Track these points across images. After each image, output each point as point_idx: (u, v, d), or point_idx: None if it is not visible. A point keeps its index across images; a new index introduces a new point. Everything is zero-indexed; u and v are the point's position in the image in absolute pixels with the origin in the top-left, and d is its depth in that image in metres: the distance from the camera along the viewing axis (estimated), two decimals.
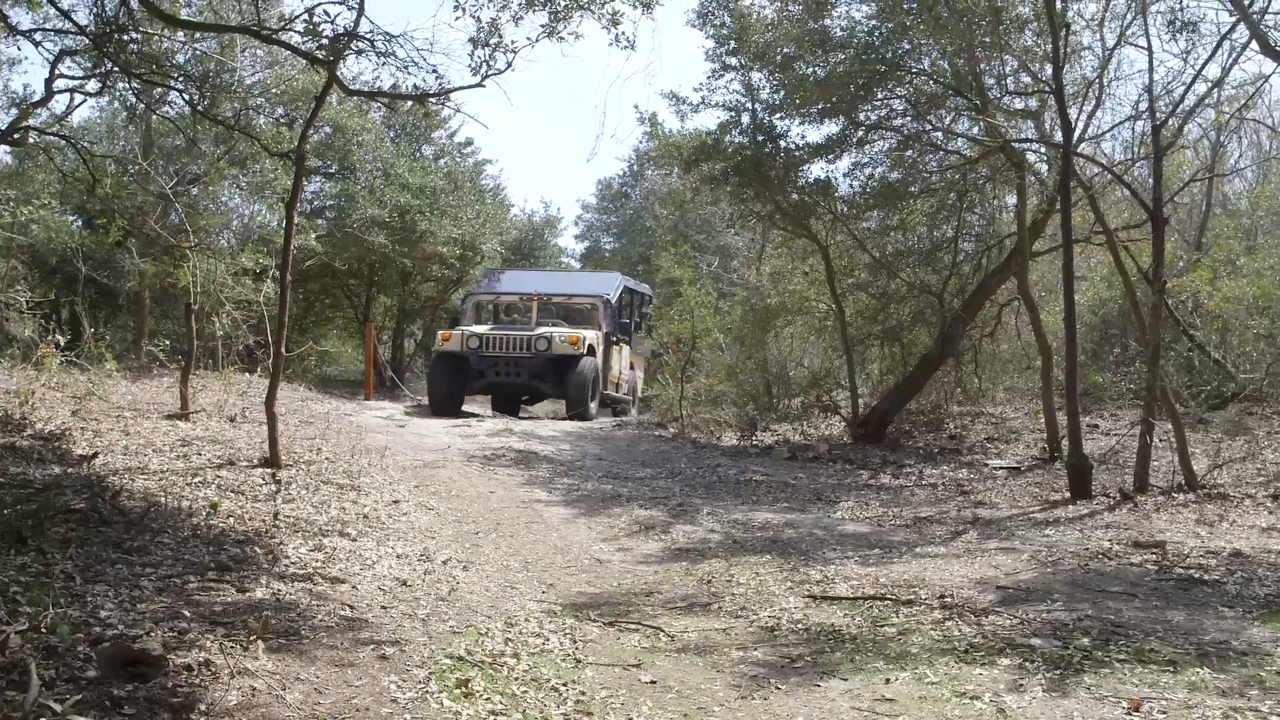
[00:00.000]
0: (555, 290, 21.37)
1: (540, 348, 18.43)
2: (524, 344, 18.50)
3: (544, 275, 25.73)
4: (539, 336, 18.55)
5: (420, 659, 5.08)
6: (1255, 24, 9.90)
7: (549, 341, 18.47)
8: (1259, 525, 9.31)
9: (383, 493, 9.67)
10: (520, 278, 23.52)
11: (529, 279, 23.17)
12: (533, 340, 18.51)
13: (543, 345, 18.43)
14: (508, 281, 22.83)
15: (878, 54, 14.58)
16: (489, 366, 18.53)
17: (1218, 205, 20.50)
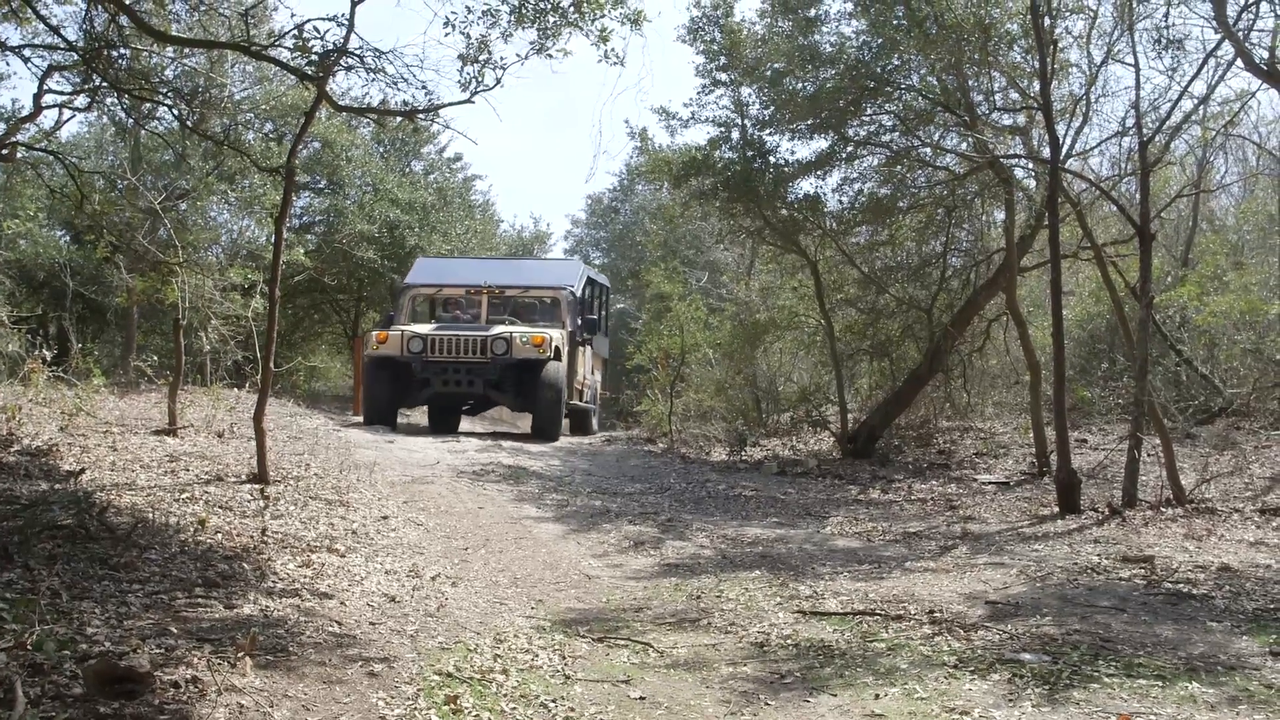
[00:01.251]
0: (509, 282, 18.39)
1: (498, 351, 15.83)
2: (478, 346, 15.88)
3: (494, 264, 21.78)
4: (496, 338, 15.88)
5: (409, 675, 5.06)
6: (1240, 41, 9.96)
7: (508, 343, 15.84)
8: (1246, 539, 9.34)
9: (371, 508, 9.64)
10: (466, 267, 19.79)
11: (476, 268, 19.49)
12: (488, 342, 15.86)
13: (500, 348, 15.83)
14: (451, 271, 19.11)
15: (867, 70, 14.66)
16: (435, 374, 15.90)
17: (1204, 221, 20.59)
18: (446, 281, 18.20)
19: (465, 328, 16.49)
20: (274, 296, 10.14)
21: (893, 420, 16.32)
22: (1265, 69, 9.65)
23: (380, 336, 16.15)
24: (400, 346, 15.91)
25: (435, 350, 15.89)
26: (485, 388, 16.04)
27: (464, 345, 15.93)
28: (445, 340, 15.95)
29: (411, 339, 15.87)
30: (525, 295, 18.36)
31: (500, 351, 15.82)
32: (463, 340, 15.95)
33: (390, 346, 15.98)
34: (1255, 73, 10.00)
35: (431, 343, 15.91)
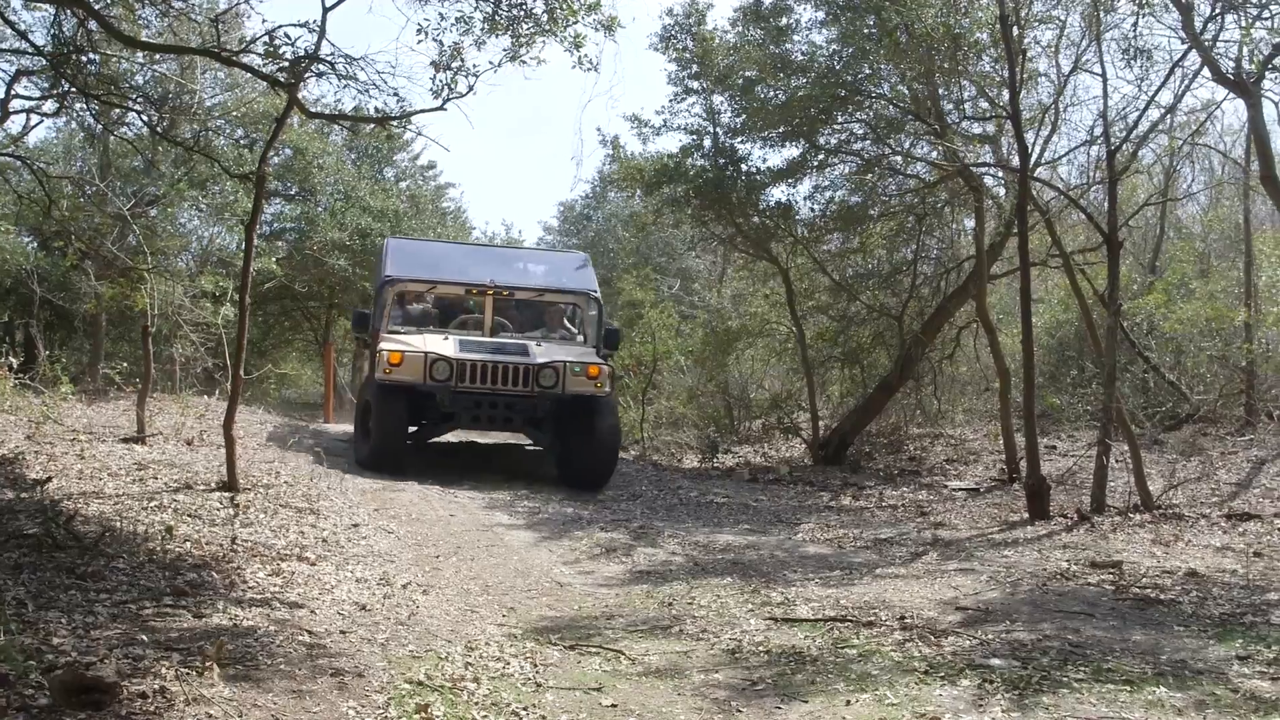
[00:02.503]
0: (518, 281, 14.86)
1: (545, 383, 12.76)
2: (520, 375, 12.78)
3: (488, 254, 17.97)
4: (545, 367, 12.83)
5: (379, 684, 5.04)
6: (1206, 52, 10.07)
7: (558, 375, 12.81)
8: (1213, 545, 9.42)
9: (342, 516, 9.59)
10: (455, 257, 16.25)
11: (469, 259, 15.81)
12: (534, 371, 12.79)
13: (549, 379, 12.79)
14: (439, 262, 15.44)
15: (838, 78, 14.75)
16: (466, 407, 12.83)
17: (1171, 229, 20.79)
18: (441, 277, 14.51)
19: (504, 351, 13.18)
20: (244, 304, 10.09)
21: (864, 427, 16.40)
22: (1231, 79, 9.76)
23: (394, 358, 12.62)
24: (422, 372, 12.62)
25: (468, 378, 12.73)
26: (524, 424, 13.31)
27: (504, 373, 12.77)
28: (481, 367, 12.74)
29: (436, 363, 12.62)
30: (539, 299, 14.88)
31: (549, 384, 12.81)
32: (502, 367, 12.77)
33: (407, 371, 12.62)
34: (1221, 82, 10.11)
35: (462, 369, 12.68)
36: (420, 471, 12.62)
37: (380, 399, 12.86)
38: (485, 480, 12.86)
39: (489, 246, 21.72)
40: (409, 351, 12.77)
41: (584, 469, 13.02)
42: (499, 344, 13.50)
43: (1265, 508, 10.96)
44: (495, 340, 13.71)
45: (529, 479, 13.26)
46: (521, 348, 13.34)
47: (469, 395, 12.77)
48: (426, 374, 12.60)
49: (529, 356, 13.02)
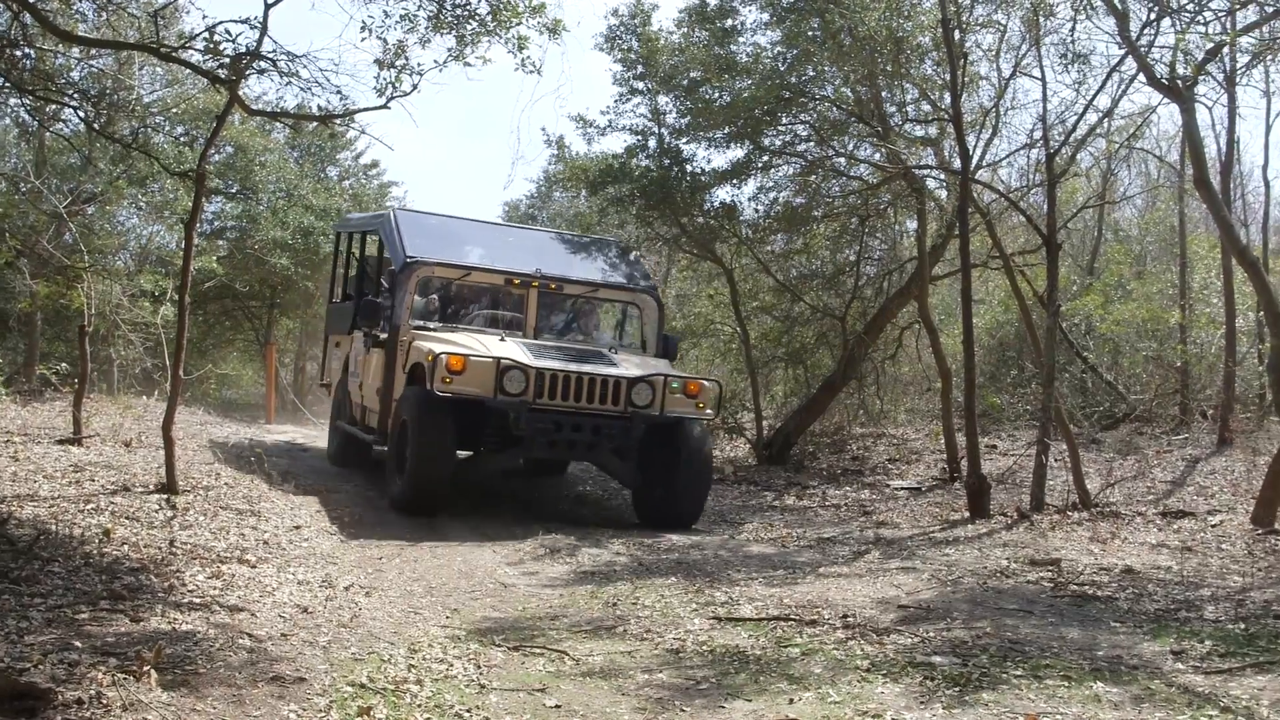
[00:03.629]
0: (569, 273, 12.37)
1: (639, 400, 10.48)
2: (612, 391, 10.45)
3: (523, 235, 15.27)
4: (639, 381, 10.51)
5: (321, 687, 5.00)
6: (1142, 57, 10.24)
7: (654, 390, 10.52)
8: (1149, 542, 9.58)
9: (284, 518, 9.51)
10: (483, 237, 13.17)
11: (500, 241, 13.24)
12: (625, 386, 10.47)
13: (644, 396, 10.49)
14: (463, 242, 12.55)
15: (782, 80, 14.81)
16: (543, 430, 10.30)
17: (1109, 231, 21.12)
18: (474, 262, 11.99)
19: (586, 360, 10.82)
20: (184, 303, 9.98)
21: (807, 427, 16.49)
22: (1166, 84, 9.93)
23: (454, 363, 10.03)
24: (492, 383, 10.08)
25: (547, 393, 10.26)
26: (608, 453, 10.76)
27: (590, 388, 10.37)
28: (564, 379, 10.31)
29: (510, 371, 10.11)
30: (596, 294, 12.55)
31: (644, 403, 10.48)
32: (589, 380, 10.37)
33: (472, 381, 10.09)
34: (1156, 87, 10.28)
35: (541, 381, 10.22)
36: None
37: (427, 419, 10.09)
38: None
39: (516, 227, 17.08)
40: (474, 356, 10.14)
41: (671, 506, 10.78)
42: (577, 350, 11.17)
43: (1199, 505, 11.16)
44: (570, 345, 11.49)
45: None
46: (602, 356, 11.06)
47: (548, 415, 10.22)
48: (497, 386, 10.04)
49: (617, 367, 10.72)
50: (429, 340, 10.73)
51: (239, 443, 14.49)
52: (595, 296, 12.53)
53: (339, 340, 14.15)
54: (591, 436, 10.39)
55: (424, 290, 11.79)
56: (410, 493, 10.28)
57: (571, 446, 10.48)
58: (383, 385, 11.47)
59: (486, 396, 10.09)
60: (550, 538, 9.82)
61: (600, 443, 10.48)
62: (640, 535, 10.20)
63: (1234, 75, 13.84)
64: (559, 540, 9.77)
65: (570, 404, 10.29)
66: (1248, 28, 10.66)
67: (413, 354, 10.79)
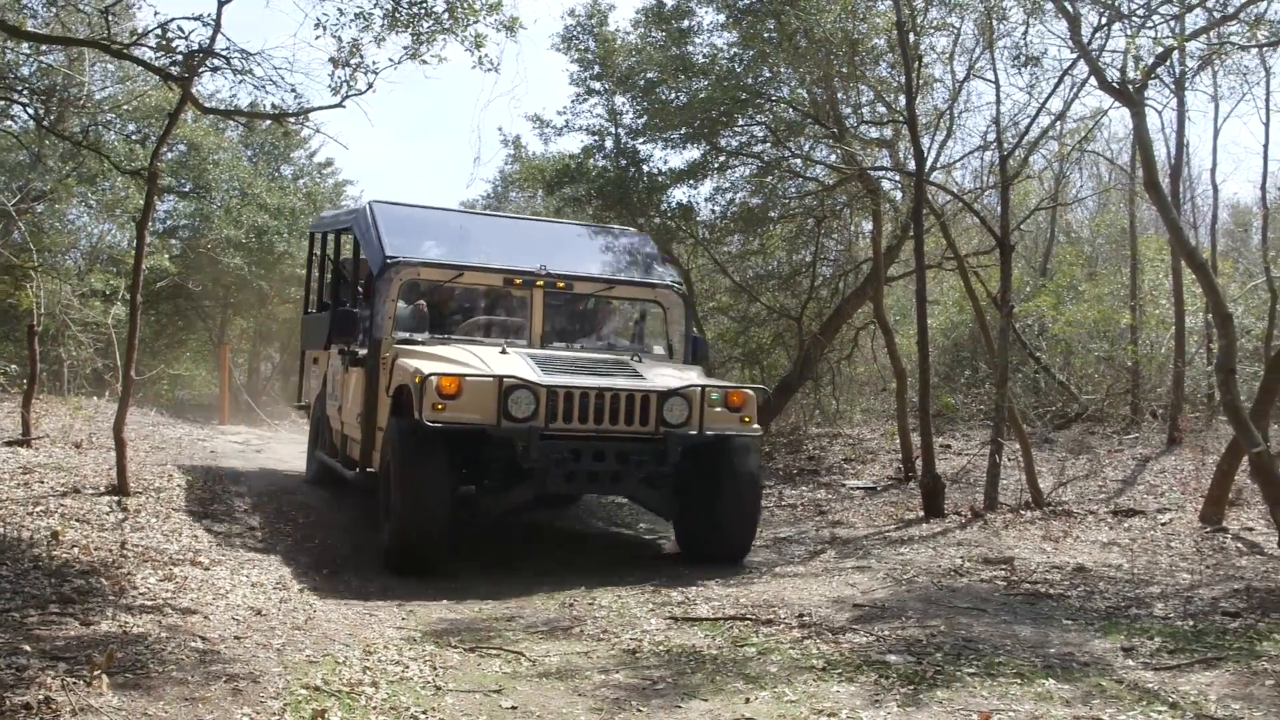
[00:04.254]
0: (580, 270, 10.46)
1: (674, 417, 8.58)
2: (639, 408, 8.52)
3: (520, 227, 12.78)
4: (673, 396, 8.59)
5: (275, 690, 4.96)
6: (1094, 61, 10.34)
7: (689, 405, 8.63)
8: (1100, 540, 9.69)
9: (238, 519, 9.43)
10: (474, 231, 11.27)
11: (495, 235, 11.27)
12: (655, 401, 8.55)
13: (679, 413, 8.60)
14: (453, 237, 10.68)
15: (739, 81, 14.87)
16: (559, 460, 8.33)
17: (1061, 233, 21.36)
18: (469, 261, 10.03)
19: (603, 370, 8.94)
20: (136, 303, 9.87)
21: (764, 428, 16.55)
22: (1117, 88, 10.04)
23: (446, 385, 8.08)
24: (494, 407, 8.13)
25: (560, 414, 8.31)
26: (640, 483, 8.74)
27: (613, 406, 8.44)
28: (580, 396, 8.37)
29: (516, 392, 8.18)
30: (606, 295, 10.74)
31: (678, 420, 8.58)
32: (610, 397, 8.45)
33: (469, 405, 8.12)
34: (1107, 91, 10.39)
35: (554, 401, 8.28)
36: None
37: (414, 456, 8.17)
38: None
39: (513, 218, 14.60)
40: (471, 375, 8.22)
41: (717, 539, 9.02)
42: (593, 360, 9.32)
43: (1149, 504, 11.30)
44: (584, 355, 9.65)
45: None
46: (624, 366, 9.19)
47: (564, 442, 8.30)
48: (501, 410, 8.09)
49: (644, 379, 8.82)
50: (415, 357, 8.83)
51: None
52: (611, 295, 10.66)
53: (316, 356, 12.43)
54: (617, 465, 8.46)
55: (408, 296, 9.86)
56: (398, 549, 8.23)
57: (594, 479, 8.55)
58: (364, 411, 9.56)
59: (488, 424, 8.08)
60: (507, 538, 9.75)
61: (628, 472, 8.53)
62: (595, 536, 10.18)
63: (1183, 80, 14.04)
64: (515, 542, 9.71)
65: (590, 427, 8.35)
66: (1196, 33, 10.80)
67: (397, 374, 8.85)
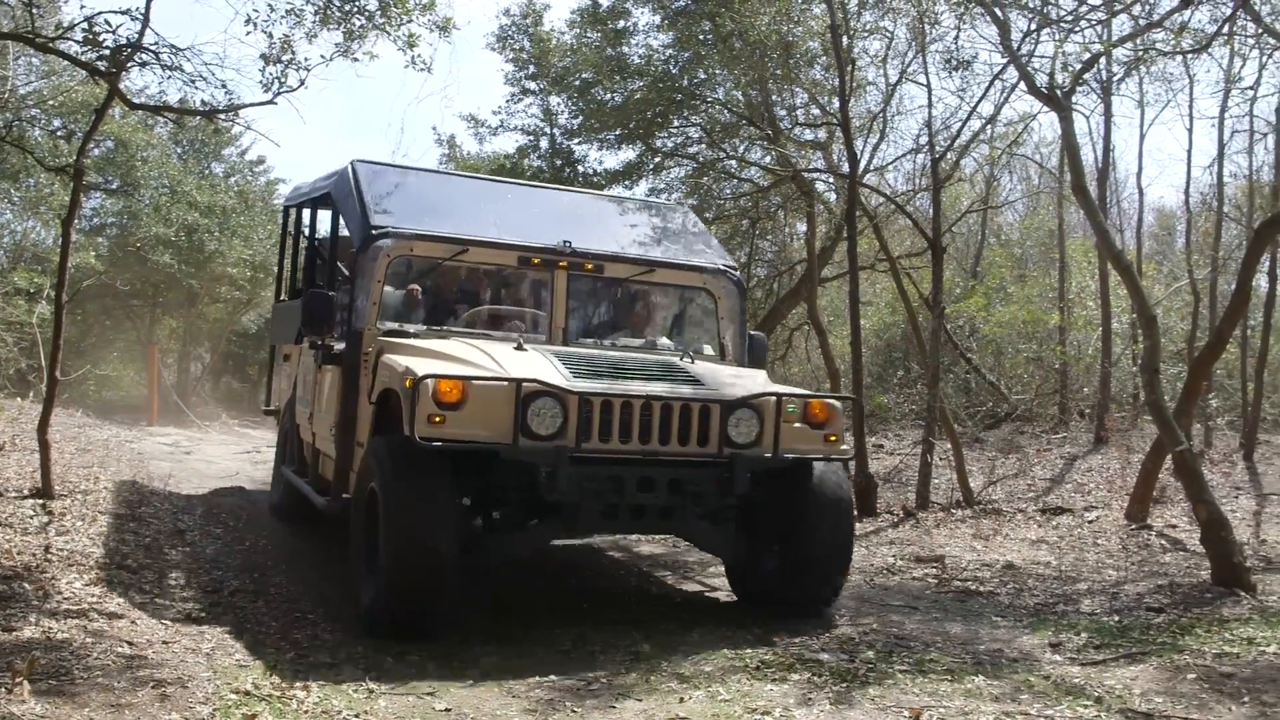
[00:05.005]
0: (611, 246, 8.32)
1: (741, 434, 6.68)
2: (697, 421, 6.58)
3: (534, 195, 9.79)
4: (738, 405, 6.66)
5: (204, 695, 4.89)
6: (1023, 66, 10.49)
7: (759, 416, 6.72)
8: (1029, 538, 9.84)
9: (166, 522, 9.29)
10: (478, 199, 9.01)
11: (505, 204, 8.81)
12: (719, 414, 6.62)
13: (748, 428, 6.69)
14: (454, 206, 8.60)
15: (674, 83, 14.92)
16: (597, 492, 6.43)
17: (992, 235, 21.67)
18: (475, 234, 7.91)
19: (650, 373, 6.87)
20: (61, 301, 9.68)
21: None
22: (1045, 93, 10.18)
23: (446, 391, 6.15)
24: (508, 421, 6.20)
25: (595, 430, 6.37)
26: (699, 518, 6.84)
27: (664, 420, 6.50)
28: (621, 406, 6.42)
29: (537, 400, 6.24)
30: (648, 279, 8.34)
31: (746, 438, 6.68)
32: (659, 408, 6.49)
33: (475, 418, 6.19)
34: (1036, 96, 10.54)
35: (588, 411, 6.35)
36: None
37: (408, 485, 6.11)
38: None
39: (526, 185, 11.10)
40: (479, 378, 6.23)
41: (798, 584, 6.99)
42: (635, 361, 7.17)
43: (1076, 502, 11.50)
44: (623, 354, 7.54)
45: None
46: (674, 369, 7.04)
47: (601, 466, 6.37)
48: (518, 424, 6.14)
49: (702, 385, 6.81)
50: (406, 354, 6.91)
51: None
52: (650, 281, 8.34)
53: (288, 352, 10.31)
54: (669, 497, 6.52)
55: (400, 278, 7.85)
56: (387, 609, 6.13)
57: (638, 515, 6.58)
58: (339, 421, 7.54)
59: (501, 443, 6.15)
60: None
61: (683, 506, 6.61)
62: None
63: (1110, 86, 14.30)
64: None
65: (634, 447, 6.39)
66: (1122, 39, 10.99)
67: (382, 375, 6.92)
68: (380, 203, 7.93)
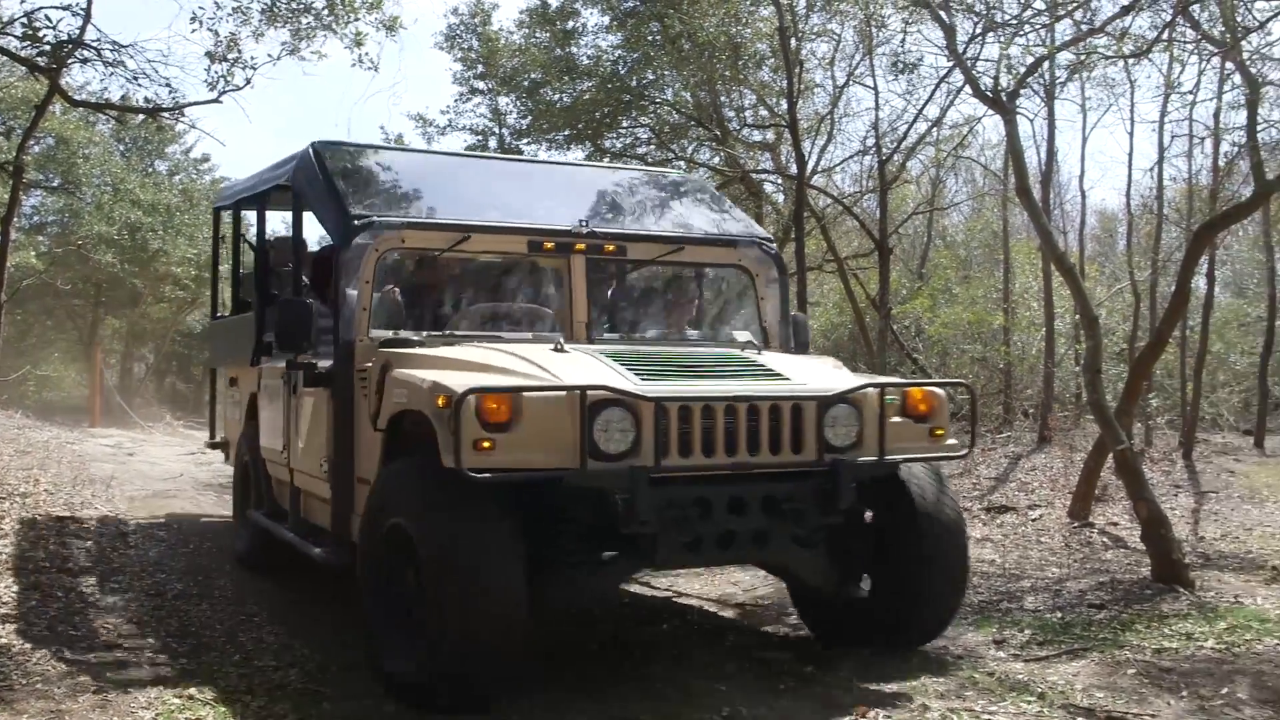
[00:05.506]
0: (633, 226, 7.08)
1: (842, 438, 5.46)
2: (789, 425, 5.30)
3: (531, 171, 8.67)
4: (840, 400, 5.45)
5: (146, 700, 4.84)
6: (968, 69, 10.60)
7: (858, 414, 5.50)
8: (974, 536, 9.93)
9: (109, 525, 9.16)
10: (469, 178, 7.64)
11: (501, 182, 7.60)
12: (815, 412, 5.37)
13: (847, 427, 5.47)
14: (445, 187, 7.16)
15: (623, 83, 14.95)
16: (681, 520, 5.08)
17: (937, 237, 21.84)
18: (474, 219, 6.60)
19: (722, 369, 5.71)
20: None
21: None
22: (990, 96, 10.30)
23: (493, 407, 4.83)
24: (571, 440, 4.89)
25: (674, 445, 5.08)
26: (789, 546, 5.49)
27: (751, 424, 5.24)
28: (701, 412, 5.14)
29: (605, 410, 4.94)
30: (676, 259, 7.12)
31: (845, 439, 5.49)
32: (744, 410, 5.23)
33: (531, 437, 4.88)
34: (981, 99, 10.66)
35: (665, 419, 5.05)
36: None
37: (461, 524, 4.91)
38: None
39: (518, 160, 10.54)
40: (531, 390, 4.99)
41: (903, 612, 5.94)
42: (702, 356, 6.05)
43: (1020, 500, 11.62)
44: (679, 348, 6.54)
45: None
46: (738, 361, 5.95)
47: (687, 488, 5.15)
48: (586, 442, 4.90)
49: (784, 378, 5.68)
50: (421, 366, 5.55)
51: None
52: (678, 260, 7.10)
53: (235, 376, 8.98)
54: (764, 519, 5.26)
55: (387, 276, 6.45)
56: (444, 677, 4.91)
57: (726, 544, 5.23)
58: (333, 454, 6.22)
59: (567, 468, 4.88)
60: None
61: (779, 528, 5.33)
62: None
63: (1053, 89, 14.49)
64: None
65: (719, 460, 5.16)
66: (1065, 44, 11.14)
67: (394, 394, 5.53)
68: (357, 189, 6.67)
